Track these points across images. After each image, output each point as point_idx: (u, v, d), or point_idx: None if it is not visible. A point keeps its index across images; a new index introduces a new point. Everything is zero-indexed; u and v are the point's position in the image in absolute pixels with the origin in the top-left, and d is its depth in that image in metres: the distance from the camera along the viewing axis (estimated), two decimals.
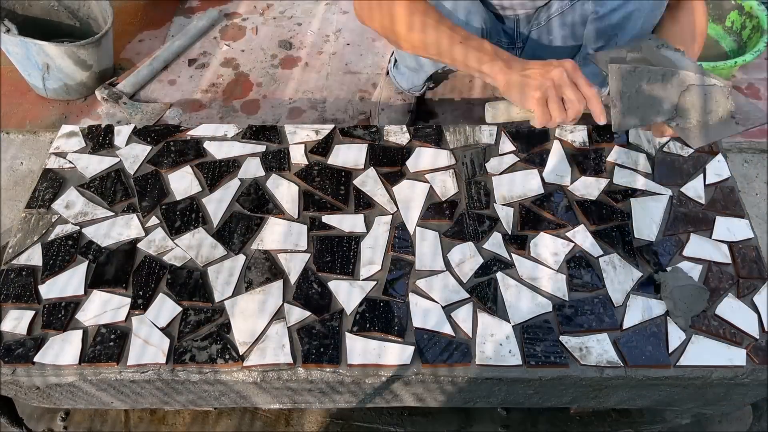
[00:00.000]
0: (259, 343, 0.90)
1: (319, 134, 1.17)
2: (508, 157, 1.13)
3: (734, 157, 1.56)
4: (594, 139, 1.16)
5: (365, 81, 1.74)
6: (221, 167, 1.12)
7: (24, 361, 0.89)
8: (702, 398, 0.98)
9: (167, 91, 1.73)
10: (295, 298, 0.95)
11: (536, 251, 1.00)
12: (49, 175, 1.11)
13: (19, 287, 0.96)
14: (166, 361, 0.88)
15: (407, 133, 1.17)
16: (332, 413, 1.22)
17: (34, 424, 1.20)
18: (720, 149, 1.14)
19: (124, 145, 1.16)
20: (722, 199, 1.07)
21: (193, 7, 2.00)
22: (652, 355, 0.89)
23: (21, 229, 1.04)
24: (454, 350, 0.89)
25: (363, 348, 0.89)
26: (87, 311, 0.94)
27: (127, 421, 1.21)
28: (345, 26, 1.92)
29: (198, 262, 0.99)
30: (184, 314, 0.93)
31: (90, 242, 1.01)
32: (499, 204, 1.06)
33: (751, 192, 1.50)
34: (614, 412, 1.22)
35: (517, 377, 0.88)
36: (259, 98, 1.70)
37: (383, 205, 1.06)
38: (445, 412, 1.21)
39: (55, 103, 1.70)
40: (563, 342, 0.90)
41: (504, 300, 0.94)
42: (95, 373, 0.89)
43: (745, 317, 0.93)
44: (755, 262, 0.99)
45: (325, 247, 1.01)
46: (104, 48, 1.64)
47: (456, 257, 0.99)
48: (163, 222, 1.04)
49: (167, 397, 0.98)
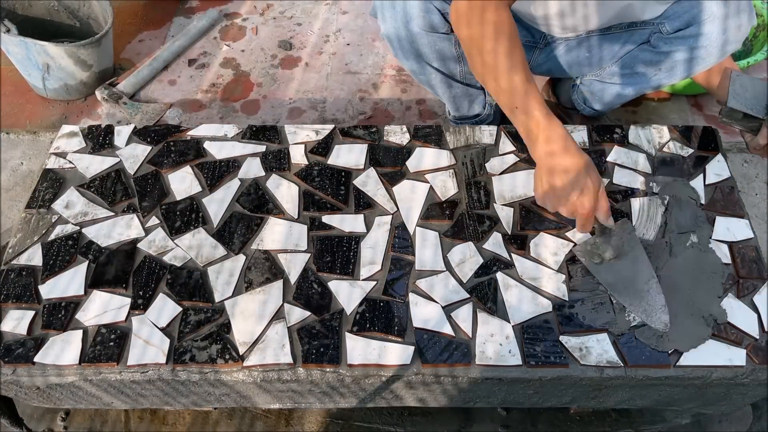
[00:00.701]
0: (259, 343, 0.90)
1: (319, 134, 1.17)
2: (508, 157, 1.13)
3: (734, 157, 1.56)
4: (594, 139, 1.16)
5: (365, 81, 1.74)
6: (221, 167, 1.12)
7: (24, 361, 0.89)
8: (702, 398, 0.98)
9: (167, 91, 1.73)
10: (295, 298, 0.95)
11: (536, 251, 1.00)
12: (49, 175, 1.11)
13: (19, 287, 0.96)
14: (166, 362, 0.88)
15: (407, 133, 1.17)
16: (332, 413, 1.22)
17: (34, 424, 1.20)
18: (720, 149, 1.15)
19: (124, 145, 1.16)
20: (722, 199, 1.07)
21: (193, 7, 2.00)
22: (652, 355, 0.89)
23: (21, 229, 1.04)
24: (454, 350, 0.89)
25: (363, 348, 0.89)
26: (87, 311, 0.94)
27: (128, 421, 1.21)
28: (345, 26, 1.92)
29: (198, 263, 0.99)
30: (184, 314, 0.93)
31: (90, 242, 1.02)
32: (499, 204, 1.06)
33: (751, 192, 1.50)
34: (614, 412, 1.22)
35: (517, 377, 0.88)
36: (259, 98, 1.71)
37: (383, 205, 1.06)
38: (445, 412, 1.21)
39: (55, 103, 1.70)
40: (563, 342, 0.90)
41: (504, 300, 0.94)
42: (95, 373, 0.89)
43: (745, 317, 0.93)
44: (755, 262, 0.99)
45: (325, 247, 1.01)
46: (104, 48, 1.64)
47: (456, 257, 0.99)
48: (163, 222, 1.04)
49: (168, 398, 0.98)
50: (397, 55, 1.22)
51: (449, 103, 1.35)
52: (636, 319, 0.92)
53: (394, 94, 1.70)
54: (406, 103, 1.68)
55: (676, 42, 1.12)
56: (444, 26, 1.12)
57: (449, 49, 1.17)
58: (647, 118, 1.64)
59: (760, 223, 1.43)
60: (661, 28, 1.14)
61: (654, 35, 1.16)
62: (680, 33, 1.11)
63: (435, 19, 1.11)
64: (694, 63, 1.13)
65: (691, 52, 1.11)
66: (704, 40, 1.08)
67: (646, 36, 1.18)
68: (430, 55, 1.18)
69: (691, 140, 1.16)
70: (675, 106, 1.67)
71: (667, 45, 1.14)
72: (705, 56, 1.11)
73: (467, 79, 1.27)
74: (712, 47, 1.09)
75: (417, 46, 1.16)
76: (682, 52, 1.12)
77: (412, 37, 1.14)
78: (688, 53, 1.12)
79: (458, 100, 1.32)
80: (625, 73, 1.24)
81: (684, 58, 1.13)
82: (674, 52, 1.14)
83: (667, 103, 1.68)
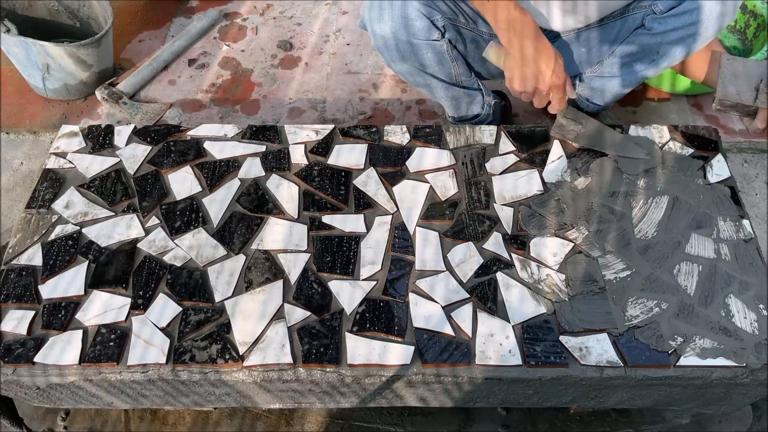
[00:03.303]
0: (259, 343, 0.90)
1: (319, 134, 1.17)
2: (508, 157, 1.13)
3: (734, 157, 1.56)
4: None
5: (365, 81, 1.74)
6: (221, 167, 1.12)
7: (24, 361, 0.89)
8: (702, 398, 0.98)
9: (167, 91, 1.73)
10: (295, 298, 0.95)
11: (536, 251, 1.00)
12: (49, 175, 1.11)
13: (19, 287, 0.96)
14: (166, 362, 0.88)
15: (407, 133, 1.17)
16: (332, 413, 1.22)
17: (35, 424, 1.20)
18: (720, 149, 1.14)
19: (124, 145, 1.16)
20: (722, 199, 1.07)
21: (193, 7, 1.99)
22: (652, 355, 0.89)
23: (21, 229, 1.04)
24: (454, 350, 0.89)
25: (363, 348, 0.89)
26: (87, 311, 0.94)
27: (128, 421, 1.21)
28: (345, 26, 1.92)
29: (198, 262, 0.99)
30: (184, 314, 0.93)
31: (90, 242, 1.02)
32: (499, 204, 1.06)
33: (751, 192, 1.50)
34: (614, 412, 1.22)
35: (517, 377, 0.88)
36: (259, 98, 1.70)
37: (383, 205, 1.06)
38: (445, 412, 1.21)
39: (55, 103, 1.70)
40: (563, 342, 0.90)
41: (504, 300, 0.94)
42: (95, 373, 0.89)
43: (746, 317, 0.93)
44: (755, 262, 0.99)
45: (325, 247, 1.01)
46: (104, 48, 1.64)
47: (456, 257, 0.99)
48: (163, 222, 1.04)
49: (168, 397, 0.98)
50: (390, 65, 1.23)
51: (448, 106, 1.35)
52: (636, 319, 0.92)
53: (394, 94, 1.70)
54: (406, 103, 1.68)
55: (671, 20, 1.10)
56: (434, 32, 1.14)
57: (442, 54, 1.18)
58: (647, 118, 1.64)
59: (760, 223, 1.43)
60: (654, 8, 1.11)
61: (648, 17, 1.14)
62: (674, 11, 1.09)
63: (423, 26, 1.12)
64: (692, 40, 1.11)
65: (688, 29, 1.09)
66: (700, 14, 1.06)
67: (639, 20, 1.16)
68: (424, 62, 1.19)
69: (691, 140, 1.15)
70: (675, 106, 1.67)
71: (662, 25, 1.12)
72: (702, 31, 1.08)
73: (463, 82, 1.27)
74: (708, 20, 1.06)
75: (409, 56, 1.17)
76: (679, 30, 1.10)
77: (403, 47, 1.16)
78: (685, 30, 1.10)
79: (456, 102, 1.32)
80: (624, 63, 1.22)
81: (681, 36, 1.11)
82: (670, 32, 1.11)
83: (667, 103, 1.68)
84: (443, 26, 1.15)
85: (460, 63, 1.23)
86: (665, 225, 1.03)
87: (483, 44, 1.23)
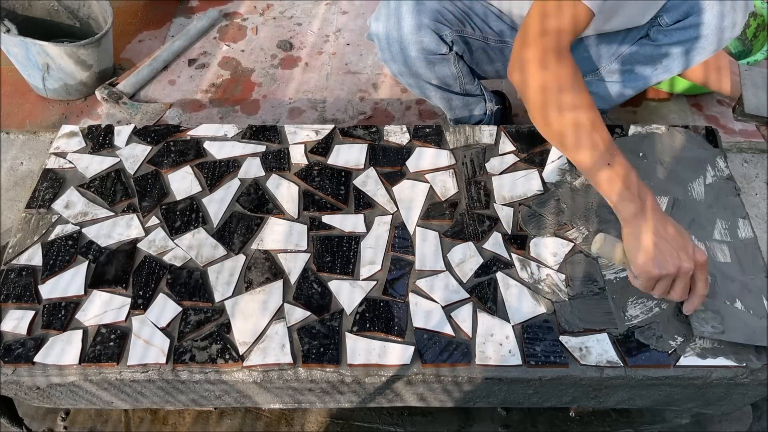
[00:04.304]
0: (260, 343, 0.90)
1: (319, 134, 1.17)
2: (508, 157, 1.13)
3: (734, 157, 1.56)
4: None
5: (365, 81, 1.74)
6: (221, 167, 1.12)
7: (24, 361, 0.89)
8: (702, 398, 0.98)
9: (167, 91, 1.73)
10: (295, 298, 0.95)
11: (536, 251, 1.00)
12: (49, 175, 1.11)
13: (19, 287, 0.96)
14: (166, 361, 0.88)
15: (407, 133, 1.17)
16: (332, 413, 1.22)
17: (35, 424, 1.20)
18: (720, 149, 1.15)
19: (124, 145, 1.16)
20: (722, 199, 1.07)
21: (193, 7, 1.99)
22: (652, 355, 0.89)
23: (21, 229, 1.04)
24: (454, 350, 0.89)
25: (363, 348, 0.89)
26: (87, 311, 0.94)
27: (128, 421, 1.21)
28: (345, 26, 1.92)
29: (198, 262, 0.99)
30: (184, 314, 0.93)
31: (90, 242, 1.02)
32: (499, 204, 1.06)
33: (751, 192, 1.50)
34: (614, 412, 1.22)
35: (517, 377, 0.88)
36: (259, 98, 1.70)
37: (383, 205, 1.06)
38: (445, 412, 1.21)
39: (55, 103, 1.70)
40: (563, 342, 0.90)
41: (504, 300, 0.94)
42: (95, 373, 0.89)
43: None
44: (755, 262, 0.99)
45: (325, 247, 1.01)
46: (104, 48, 1.64)
47: (456, 257, 0.99)
48: (163, 222, 1.04)
49: (168, 397, 0.98)
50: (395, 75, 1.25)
51: (450, 113, 1.36)
52: (636, 319, 0.92)
53: (394, 94, 1.70)
54: (406, 103, 1.68)
55: (676, 33, 1.12)
56: (441, 47, 1.14)
57: (448, 69, 1.19)
58: (647, 118, 1.64)
59: (760, 223, 1.43)
60: (660, 21, 1.14)
61: (653, 29, 1.16)
62: (679, 24, 1.11)
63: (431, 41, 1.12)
64: (694, 53, 1.12)
65: (691, 43, 1.11)
66: (704, 29, 1.08)
67: (644, 31, 1.18)
68: (429, 75, 1.20)
69: (691, 140, 1.15)
70: (675, 106, 1.67)
71: (666, 37, 1.14)
72: (705, 45, 1.10)
73: (467, 90, 1.28)
74: (712, 35, 1.09)
75: (415, 70, 1.19)
76: (683, 44, 1.12)
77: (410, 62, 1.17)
78: (688, 44, 1.11)
79: (459, 110, 1.33)
80: (625, 70, 1.24)
81: (684, 50, 1.13)
82: (674, 44, 1.13)
83: (667, 103, 1.68)
84: (452, 41, 1.15)
85: (466, 72, 1.24)
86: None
87: (489, 51, 1.24)
